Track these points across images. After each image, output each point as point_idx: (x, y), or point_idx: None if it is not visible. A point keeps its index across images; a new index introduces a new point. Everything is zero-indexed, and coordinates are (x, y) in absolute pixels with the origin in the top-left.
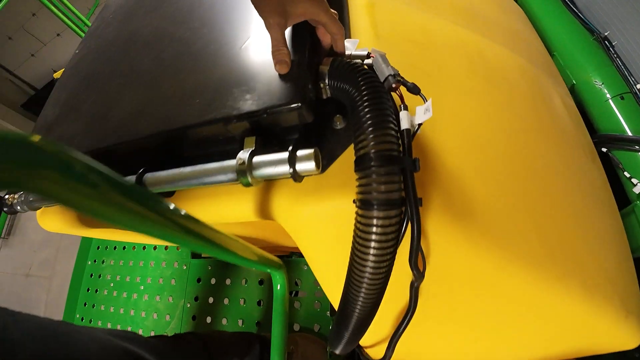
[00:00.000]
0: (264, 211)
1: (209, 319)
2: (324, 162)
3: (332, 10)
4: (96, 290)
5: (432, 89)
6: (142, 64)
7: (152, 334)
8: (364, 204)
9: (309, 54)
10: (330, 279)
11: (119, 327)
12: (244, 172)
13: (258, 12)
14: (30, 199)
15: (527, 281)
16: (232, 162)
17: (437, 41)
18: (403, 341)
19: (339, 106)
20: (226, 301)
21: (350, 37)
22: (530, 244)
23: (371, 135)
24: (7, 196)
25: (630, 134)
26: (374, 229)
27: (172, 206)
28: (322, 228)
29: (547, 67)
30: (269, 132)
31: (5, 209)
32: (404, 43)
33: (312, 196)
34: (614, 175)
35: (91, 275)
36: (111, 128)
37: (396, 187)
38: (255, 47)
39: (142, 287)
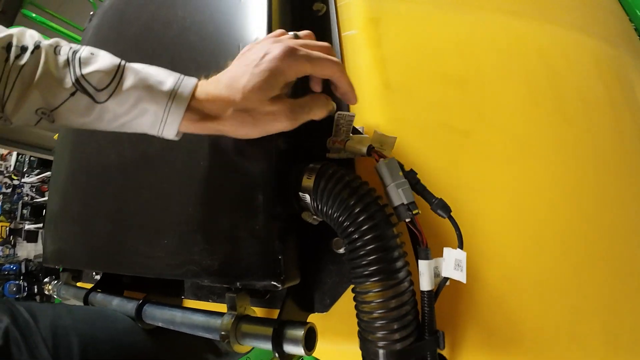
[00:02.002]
0: None
1: None
2: (327, 300)
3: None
4: None
5: (472, 165)
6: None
7: None
8: None
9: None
10: None
11: None
12: (228, 341)
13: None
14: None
15: None
16: (217, 322)
17: (480, 59)
18: None
19: None
20: None
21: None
22: None
23: (376, 324)
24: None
25: None
26: None
27: None
28: None
29: (629, 43)
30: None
31: None
32: (429, 85)
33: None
34: None
35: None
36: (89, 254)
37: None
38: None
39: None
